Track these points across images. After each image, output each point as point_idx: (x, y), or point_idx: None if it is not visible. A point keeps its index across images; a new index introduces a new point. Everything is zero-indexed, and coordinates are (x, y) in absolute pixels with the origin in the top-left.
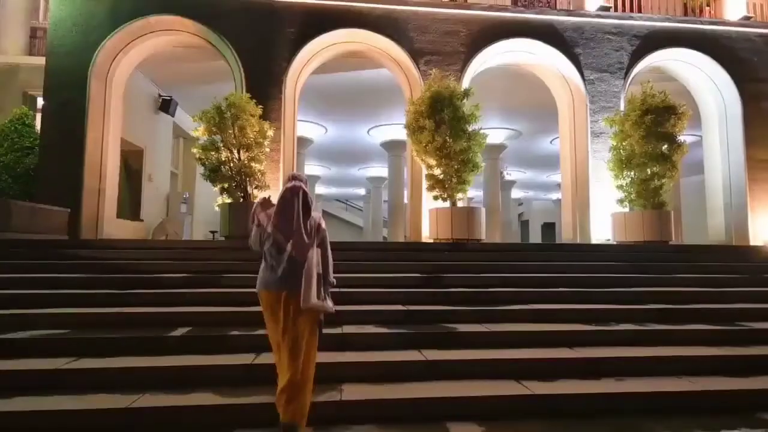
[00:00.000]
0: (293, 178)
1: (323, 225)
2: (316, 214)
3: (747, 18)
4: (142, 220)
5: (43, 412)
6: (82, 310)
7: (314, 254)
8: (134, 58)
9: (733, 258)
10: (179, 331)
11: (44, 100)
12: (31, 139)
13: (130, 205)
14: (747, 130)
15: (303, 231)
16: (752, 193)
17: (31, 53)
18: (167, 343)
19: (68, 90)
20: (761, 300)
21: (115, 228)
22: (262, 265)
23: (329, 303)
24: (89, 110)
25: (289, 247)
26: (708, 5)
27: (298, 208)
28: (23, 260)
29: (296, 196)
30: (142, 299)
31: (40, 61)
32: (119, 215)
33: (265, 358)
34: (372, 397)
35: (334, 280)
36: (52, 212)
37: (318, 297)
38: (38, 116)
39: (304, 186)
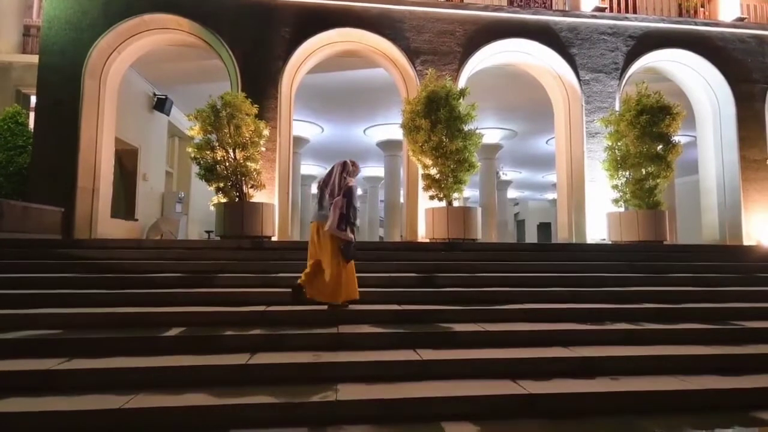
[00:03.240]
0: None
1: (351, 183)
2: (350, 178)
3: (741, 19)
4: (136, 220)
5: (35, 413)
6: (75, 310)
7: (341, 200)
8: (129, 57)
9: (726, 257)
10: (173, 331)
11: (37, 98)
12: (24, 138)
13: (124, 204)
14: (741, 130)
15: (336, 184)
16: (746, 193)
17: (24, 51)
18: (161, 343)
19: (62, 88)
20: (755, 299)
21: (109, 228)
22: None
23: (348, 233)
24: (83, 109)
25: (326, 193)
26: (702, 6)
27: (336, 171)
28: (15, 260)
29: (338, 165)
30: (135, 299)
31: (34, 59)
32: (113, 215)
33: (260, 358)
34: (367, 396)
35: (356, 221)
36: (45, 211)
37: (338, 227)
38: (31, 114)
39: (348, 161)
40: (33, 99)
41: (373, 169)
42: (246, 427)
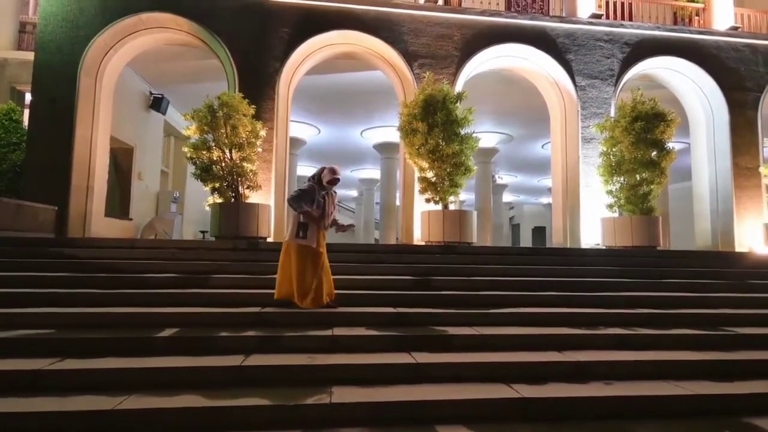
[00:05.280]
0: None
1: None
2: (311, 183)
3: (735, 28)
4: (131, 219)
5: (26, 413)
6: (67, 309)
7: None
8: (125, 55)
9: (718, 264)
10: (167, 332)
11: (32, 95)
12: (18, 135)
13: (119, 203)
14: (733, 137)
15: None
16: (738, 200)
17: (19, 48)
18: (154, 344)
19: (57, 86)
20: (746, 305)
21: (103, 227)
22: None
23: (301, 239)
24: (78, 107)
25: None
26: (697, 15)
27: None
28: (8, 258)
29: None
30: (129, 299)
31: (29, 56)
32: (108, 214)
33: (255, 360)
34: (362, 399)
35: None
36: (38, 210)
37: (294, 236)
38: (26, 112)
39: (325, 167)
40: (28, 96)
41: (370, 172)
42: (240, 429)
